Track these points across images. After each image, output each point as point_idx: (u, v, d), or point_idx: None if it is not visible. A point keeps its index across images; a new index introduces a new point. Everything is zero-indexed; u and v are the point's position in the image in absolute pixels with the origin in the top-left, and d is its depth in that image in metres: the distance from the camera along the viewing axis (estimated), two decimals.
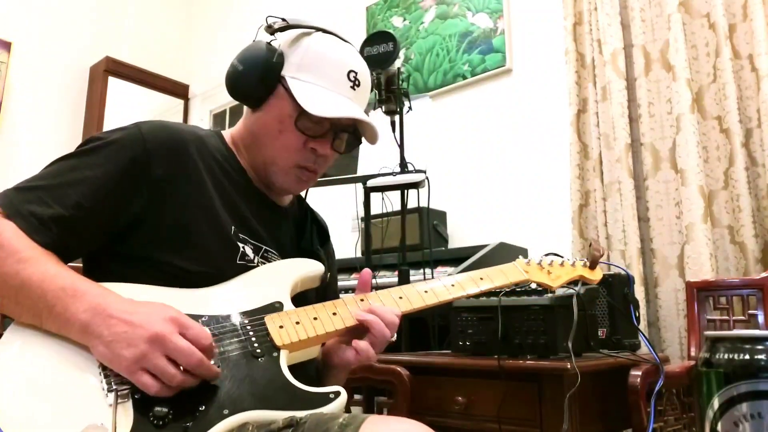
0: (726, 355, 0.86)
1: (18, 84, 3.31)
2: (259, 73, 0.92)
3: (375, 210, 1.97)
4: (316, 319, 0.87)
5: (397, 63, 1.74)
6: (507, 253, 2.02)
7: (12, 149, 3.24)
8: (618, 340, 1.47)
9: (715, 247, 1.85)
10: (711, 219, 1.87)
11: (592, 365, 1.27)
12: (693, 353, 1.65)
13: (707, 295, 1.73)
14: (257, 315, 0.85)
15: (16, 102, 3.29)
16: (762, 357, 0.83)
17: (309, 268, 0.96)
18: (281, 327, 0.83)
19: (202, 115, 3.96)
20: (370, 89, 1.03)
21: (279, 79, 0.93)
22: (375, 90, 1.71)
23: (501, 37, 2.54)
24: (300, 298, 0.93)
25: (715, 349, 0.88)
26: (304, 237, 1.08)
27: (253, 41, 0.96)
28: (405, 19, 2.92)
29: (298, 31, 0.96)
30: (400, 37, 2.67)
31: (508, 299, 1.33)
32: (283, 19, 0.96)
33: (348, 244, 2.32)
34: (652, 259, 1.99)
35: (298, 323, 0.85)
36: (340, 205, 2.58)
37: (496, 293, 1.34)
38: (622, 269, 1.54)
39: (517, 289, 1.34)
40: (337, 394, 0.78)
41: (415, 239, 2.06)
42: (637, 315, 1.48)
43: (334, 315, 0.88)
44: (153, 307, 0.74)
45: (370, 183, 1.77)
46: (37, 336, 0.74)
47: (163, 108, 3.89)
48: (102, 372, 0.72)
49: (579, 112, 2.21)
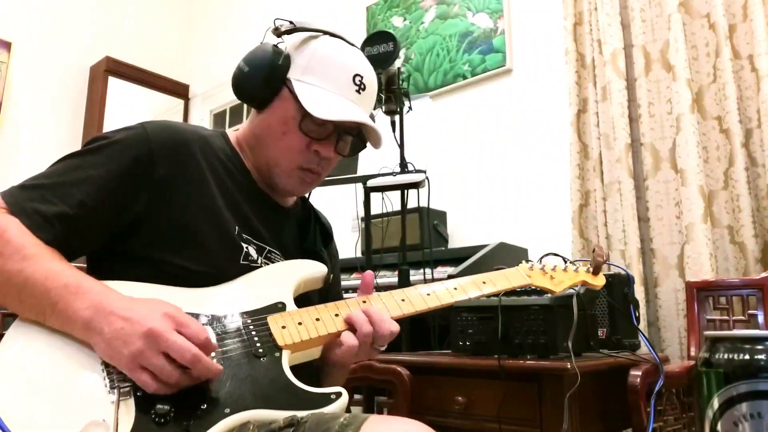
0: (726, 355, 0.86)
1: (18, 84, 3.31)
2: (265, 75, 0.93)
3: (375, 210, 1.97)
4: (318, 320, 0.87)
5: (398, 63, 1.75)
6: (507, 253, 2.02)
7: (12, 149, 3.24)
8: (618, 340, 1.47)
9: (715, 247, 1.85)
10: (711, 219, 1.87)
11: (592, 365, 1.28)
12: (693, 353, 1.65)
13: (707, 295, 1.74)
14: (260, 315, 0.85)
15: (16, 102, 3.29)
16: (762, 357, 0.83)
17: (312, 270, 0.96)
18: (284, 327, 0.84)
19: (202, 115, 3.96)
20: (376, 93, 1.03)
21: (284, 82, 0.93)
22: None
23: (501, 37, 2.54)
24: (303, 299, 0.93)
25: (715, 349, 0.88)
26: (308, 238, 1.08)
27: (261, 43, 0.96)
28: (405, 19, 2.92)
29: (305, 34, 0.96)
30: (400, 37, 2.67)
31: (508, 299, 1.33)
32: (290, 22, 0.96)
33: (348, 244, 2.32)
34: (652, 259, 1.99)
35: (300, 324, 0.85)
36: (340, 205, 2.58)
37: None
38: (622, 269, 1.54)
39: (518, 288, 1.34)
40: (338, 394, 0.79)
41: (415, 239, 2.06)
42: (637, 315, 1.48)
43: (336, 316, 0.88)
44: (151, 303, 0.74)
45: (371, 183, 1.77)
46: (41, 333, 0.75)
47: (163, 108, 3.89)
48: (105, 369, 0.72)
49: (579, 112, 2.21)
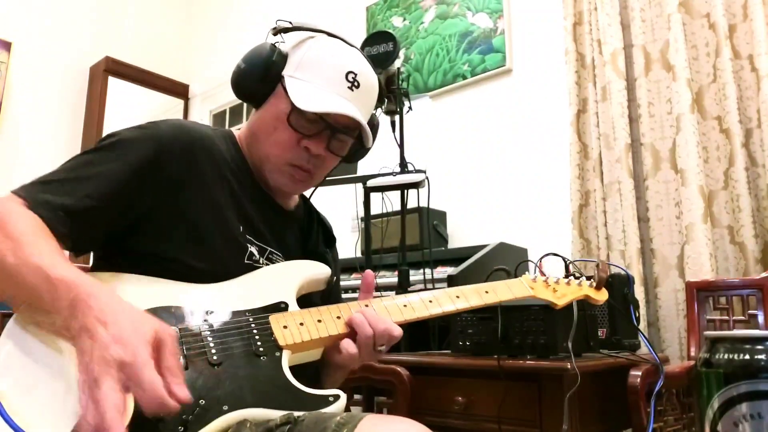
0: (726, 356, 0.86)
1: (18, 84, 3.31)
2: (261, 72, 0.93)
3: (375, 210, 1.97)
4: (320, 321, 0.87)
5: (397, 63, 1.74)
6: (507, 253, 2.02)
7: (12, 149, 3.24)
8: (618, 340, 1.48)
9: (714, 247, 1.85)
10: (711, 219, 1.87)
11: (592, 365, 1.28)
12: (693, 353, 1.65)
13: (707, 295, 1.74)
14: (262, 314, 0.85)
15: (16, 102, 3.29)
16: (762, 357, 0.83)
17: (316, 271, 0.96)
18: (285, 327, 0.84)
19: (202, 115, 3.96)
20: (377, 93, 1.02)
21: (279, 79, 0.94)
22: None
23: (501, 37, 2.54)
24: (304, 300, 0.93)
25: (715, 350, 0.88)
26: (311, 239, 1.08)
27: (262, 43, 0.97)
28: (405, 19, 2.92)
29: (303, 34, 0.97)
30: (400, 37, 2.67)
31: None
32: (289, 22, 0.97)
33: (348, 244, 2.32)
34: (651, 260, 1.99)
35: (302, 324, 0.85)
36: (340, 205, 2.58)
37: None
38: (622, 269, 1.54)
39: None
40: (336, 397, 0.79)
41: (415, 239, 2.06)
42: (636, 315, 1.48)
43: (338, 318, 0.88)
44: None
45: (370, 183, 1.77)
46: (38, 327, 0.73)
47: (163, 108, 3.89)
48: None
49: (579, 112, 2.21)
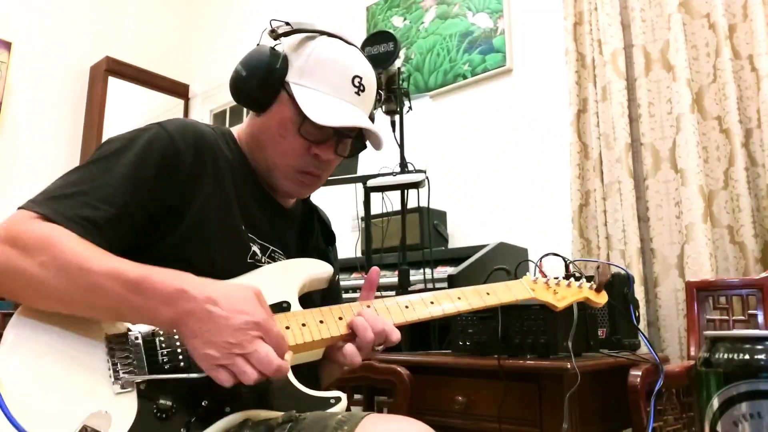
0: (725, 355, 0.86)
1: (18, 84, 3.31)
2: (263, 79, 0.91)
3: (375, 210, 1.97)
4: (322, 322, 0.86)
5: (398, 63, 1.74)
6: (507, 253, 2.02)
7: (12, 149, 3.23)
8: (618, 339, 1.48)
9: (714, 247, 1.85)
10: (711, 219, 1.87)
11: (592, 365, 1.28)
12: (693, 353, 1.65)
13: (707, 295, 1.74)
14: None
15: (16, 102, 3.29)
16: (762, 357, 0.83)
17: (318, 269, 0.96)
18: (287, 328, 0.83)
19: (202, 115, 3.96)
20: (375, 90, 1.02)
21: (282, 85, 0.92)
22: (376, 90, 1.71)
23: (501, 37, 2.54)
24: (304, 298, 0.93)
25: (715, 349, 0.88)
26: (312, 237, 1.08)
27: (257, 45, 0.95)
28: (405, 19, 2.92)
29: (302, 36, 0.95)
30: (400, 37, 2.67)
31: None
32: (287, 23, 0.95)
33: (348, 244, 2.32)
34: (651, 259, 1.99)
35: (304, 325, 0.85)
36: (340, 205, 2.58)
37: None
38: (622, 269, 1.54)
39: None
40: (337, 399, 0.79)
41: (415, 239, 2.06)
42: (636, 315, 1.48)
43: (340, 320, 0.88)
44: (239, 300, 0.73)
45: (370, 183, 1.77)
46: (43, 325, 0.74)
47: (163, 108, 3.89)
48: (110, 360, 0.72)
49: (579, 112, 2.21)
